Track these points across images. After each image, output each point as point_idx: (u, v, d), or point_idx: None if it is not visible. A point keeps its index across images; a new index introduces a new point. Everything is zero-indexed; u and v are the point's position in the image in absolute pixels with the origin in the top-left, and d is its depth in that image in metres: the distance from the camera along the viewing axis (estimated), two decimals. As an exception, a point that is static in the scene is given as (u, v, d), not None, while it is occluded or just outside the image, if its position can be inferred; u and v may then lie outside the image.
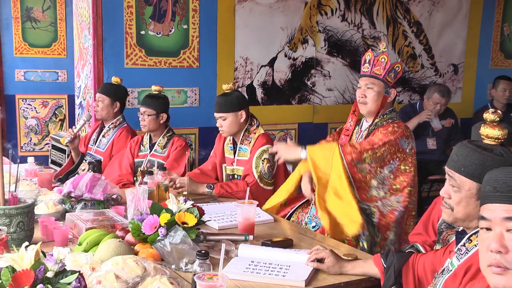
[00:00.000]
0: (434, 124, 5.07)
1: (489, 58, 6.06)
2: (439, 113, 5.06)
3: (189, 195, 3.02)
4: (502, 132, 1.65)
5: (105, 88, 4.09)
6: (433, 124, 5.07)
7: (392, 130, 2.85)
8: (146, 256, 2.06)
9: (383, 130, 2.87)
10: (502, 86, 5.56)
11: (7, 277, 1.39)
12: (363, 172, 2.77)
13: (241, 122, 3.35)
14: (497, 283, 1.25)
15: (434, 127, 5.08)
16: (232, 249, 2.27)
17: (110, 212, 2.63)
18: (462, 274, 1.61)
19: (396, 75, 2.93)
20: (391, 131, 2.84)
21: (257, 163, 3.29)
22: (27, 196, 2.62)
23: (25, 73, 6.28)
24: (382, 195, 2.81)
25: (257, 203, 2.62)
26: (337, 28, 5.13)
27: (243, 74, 4.81)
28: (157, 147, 3.71)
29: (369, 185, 2.80)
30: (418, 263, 1.98)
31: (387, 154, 2.81)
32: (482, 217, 1.28)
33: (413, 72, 5.60)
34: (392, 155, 2.82)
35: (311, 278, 2.07)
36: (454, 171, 1.67)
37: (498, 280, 1.24)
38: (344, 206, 2.72)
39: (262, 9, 4.79)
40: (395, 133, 2.84)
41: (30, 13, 6.20)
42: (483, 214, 1.28)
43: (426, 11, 5.54)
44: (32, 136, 6.45)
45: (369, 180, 2.79)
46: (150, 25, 4.40)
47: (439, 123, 5.09)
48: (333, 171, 2.76)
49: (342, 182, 2.74)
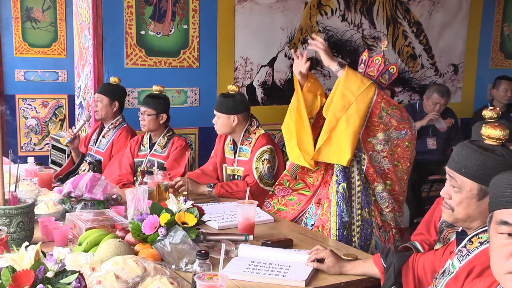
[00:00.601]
0: (438, 125, 5.07)
1: (489, 58, 6.06)
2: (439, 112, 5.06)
3: (189, 195, 3.02)
4: (504, 132, 1.65)
5: (104, 88, 4.09)
6: (437, 125, 5.07)
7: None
8: (146, 256, 2.06)
9: None
10: (504, 87, 5.56)
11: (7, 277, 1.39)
12: (381, 120, 2.78)
13: (233, 126, 3.36)
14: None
15: (439, 128, 5.08)
16: (232, 249, 2.27)
17: (110, 212, 2.63)
18: (464, 276, 1.61)
19: (390, 77, 2.92)
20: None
21: (257, 164, 3.29)
22: (27, 196, 2.62)
23: (25, 73, 6.28)
24: (378, 149, 2.83)
25: (257, 203, 2.62)
26: (337, 28, 5.13)
27: (243, 74, 4.81)
28: (157, 147, 3.71)
29: (375, 134, 2.81)
30: (418, 263, 1.98)
31: (405, 121, 2.84)
32: (505, 222, 1.18)
33: (413, 72, 5.60)
34: (405, 126, 2.85)
35: (311, 278, 2.07)
36: (455, 172, 1.67)
37: None
38: (346, 134, 2.75)
39: (262, 9, 4.79)
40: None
41: (30, 13, 6.20)
42: (506, 219, 1.18)
43: (426, 11, 5.54)
44: (32, 136, 6.45)
45: (378, 129, 2.80)
46: (150, 25, 4.40)
47: (443, 124, 5.09)
48: (358, 99, 2.74)
49: (359, 112, 2.74)
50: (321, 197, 3.02)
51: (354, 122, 2.74)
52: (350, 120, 2.74)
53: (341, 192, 2.80)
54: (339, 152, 2.77)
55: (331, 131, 2.78)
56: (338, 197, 2.81)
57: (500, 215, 1.20)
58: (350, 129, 2.74)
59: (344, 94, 2.74)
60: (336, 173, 2.84)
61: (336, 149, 2.78)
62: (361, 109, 2.74)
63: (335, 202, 2.81)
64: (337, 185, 2.81)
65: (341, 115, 2.75)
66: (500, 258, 1.19)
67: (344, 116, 2.75)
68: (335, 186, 2.82)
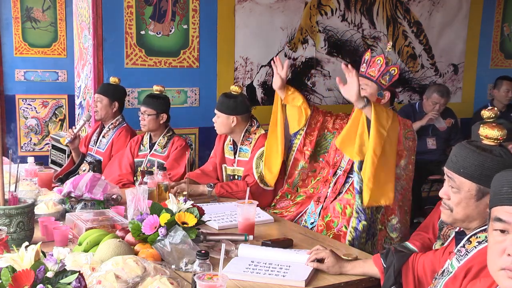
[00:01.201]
0: (438, 124, 5.06)
1: (489, 58, 6.06)
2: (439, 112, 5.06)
3: (189, 195, 3.02)
4: (501, 132, 1.65)
5: (103, 89, 4.09)
6: (437, 124, 5.06)
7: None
8: (146, 256, 2.06)
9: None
10: (505, 87, 5.55)
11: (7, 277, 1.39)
12: (404, 146, 2.76)
13: (232, 126, 3.36)
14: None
15: (439, 127, 5.08)
16: (232, 249, 2.27)
17: (110, 212, 2.63)
18: (462, 276, 1.61)
19: (391, 78, 2.89)
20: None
21: (258, 164, 3.29)
22: (27, 196, 2.62)
23: (25, 73, 6.28)
24: (399, 176, 2.80)
25: (257, 203, 2.62)
26: (337, 28, 5.13)
27: (243, 74, 4.81)
28: (157, 147, 3.71)
29: (399, 162, 2.77)
30: (418, 263, 1.98)
31: (414, 136, 2.84)
32: (499, 218, 1.21)
33: (413, 72, 5.60)
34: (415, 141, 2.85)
35: (311, 278, 2.07)
36: (453, 172, 1.67)
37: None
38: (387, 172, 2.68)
39: (262, 9, 4.79)
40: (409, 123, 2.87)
41: (30, 13, 6.19)
42: (499, 216, 1.21)
43: (426, 11, 5.54)
44: (32, 136, 6.45)
45: (402, 156, 2.77)
46: (150, 25, 4.40)
47: (443, 123, 5.08)
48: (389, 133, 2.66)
49: (392, 146, 2.68)
50: (321, 195, 3.02)
51: (390, 156, 2.68)
52: (388, 156, 2.67)
53: (360, 229, 2.77)
54: (383, 193, 2.69)
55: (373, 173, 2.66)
56: (356, 234, 2.77)
57: (496, 211, 1.22)
58: (388, 166, 2.68)
59: (379, 132, 2.63)
60: (357, 210, 2.77)
61: (381, 191, 2.69)
62: (393, 141, 2.68)
63: (351, 236, 2.79)
64: (357, 221, 2.77)
65: (379, 152, 2.65)
66: (494, 255, 1.21)
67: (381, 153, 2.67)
68: (354, 221, 2.78)
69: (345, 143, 2.76)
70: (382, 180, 2.68)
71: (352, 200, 2.82)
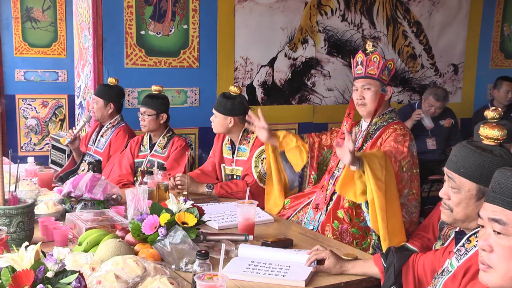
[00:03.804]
0: (425, 123, 5.04)
1: (489, 58, 6.06)
2: (434, 115, 5.04)
3: (189, 195, 3.02)
4: (502, 132, 1.65)
5: (99, 90, 4.08)
6: (424, 122, 5.03)
7: (401, 134, 2.84)
8: (146, 256, 2.06)
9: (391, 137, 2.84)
10: (506, 88, 5.54)
11: (7, 277, 1.39)
12: (403, 181, 2.77)
13: (229, 127, 3.36)
14: (481, 278, 1.28)
15: (426, 126, 5.05)
16: (232, 249, 2.27)
17: (110, 212, 2.63)
18: (461, 275, 1.61)
19: (389, 73, 2.95)
20: (401, 140, 2.82)
21: (256, 163, 3.30)
22: (27, 196, 2.62)
23: (25, 73, 6.28)
24: (405, 202, 2.80)
25: (257, 203, 2.62)
26: (337, 28, 5.13)
27: (243, 74, 4.81)
28: (157, 147, 3.71)
29: (402, 193, 2.78)
30: (418, 263, 1.98)
31: (413, 158, 2.83)
32: (478, 214, 1.30)
33: (413, 72, 5.60)
34: (414, 161, 2.84)
35: (311, 278, 2.07)
36: (453, 172, 1.67)
37: (481, 276, 1.27)
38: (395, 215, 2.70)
39: (262, 9, 4.79)
40: (405, 140, 2.82)
41: (30, 13, 6.20)
42: (479, 212, 1.30)
43: (426, 11, 5.54)
44: (32, 136, 6.45)
45: (404, 188, 2.78)
46: (150, 25, 4.40)
47: (430, 122, 5.04)
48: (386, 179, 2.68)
49: (392, 187, 2.70)
50: (319, 202, 3.01)
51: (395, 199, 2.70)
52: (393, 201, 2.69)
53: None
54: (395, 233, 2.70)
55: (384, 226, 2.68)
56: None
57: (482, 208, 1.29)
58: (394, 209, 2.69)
59: (379, 186, 2.65)
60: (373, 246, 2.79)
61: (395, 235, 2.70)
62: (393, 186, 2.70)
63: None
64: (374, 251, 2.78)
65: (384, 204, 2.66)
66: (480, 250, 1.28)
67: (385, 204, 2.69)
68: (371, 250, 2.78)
69: (345, 188, 2.78)
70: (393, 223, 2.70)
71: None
